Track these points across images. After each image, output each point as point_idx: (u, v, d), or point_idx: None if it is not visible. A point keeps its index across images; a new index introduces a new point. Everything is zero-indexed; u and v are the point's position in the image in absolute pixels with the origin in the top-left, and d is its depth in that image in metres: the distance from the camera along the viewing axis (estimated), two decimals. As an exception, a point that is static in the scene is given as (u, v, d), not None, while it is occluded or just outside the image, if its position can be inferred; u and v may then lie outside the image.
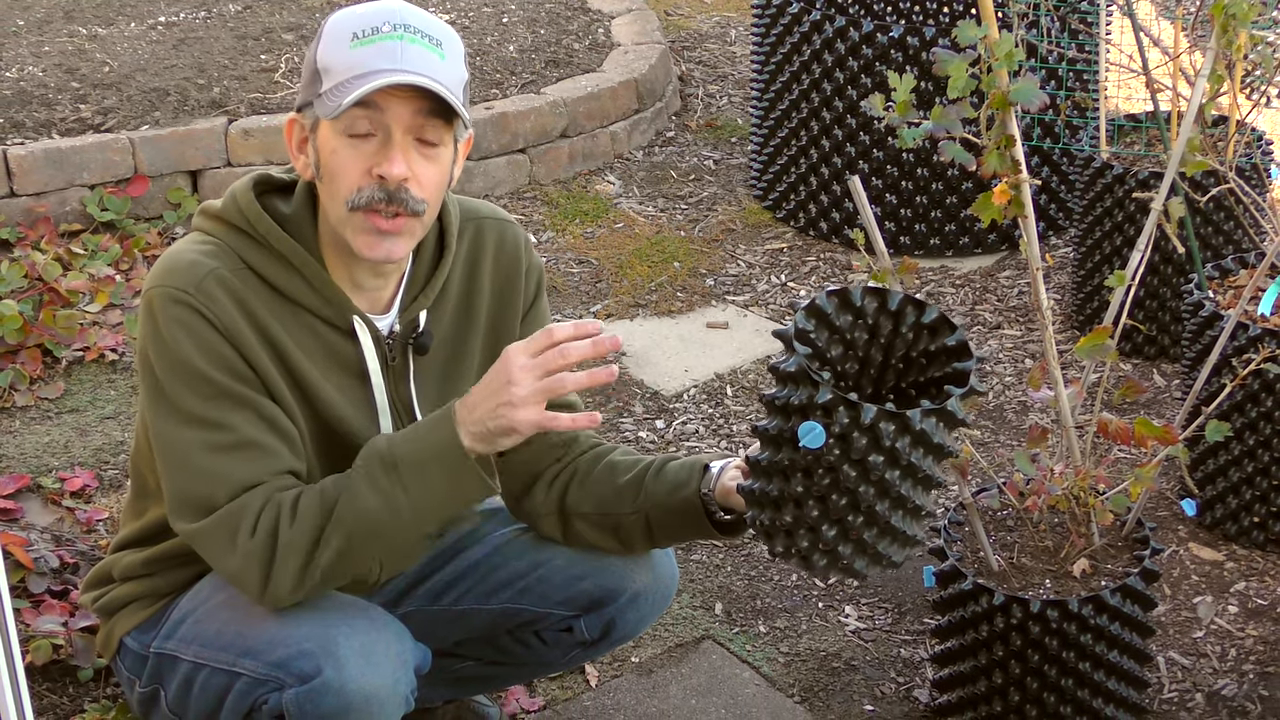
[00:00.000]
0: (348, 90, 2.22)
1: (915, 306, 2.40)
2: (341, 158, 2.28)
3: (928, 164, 4.93)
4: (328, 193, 2.32)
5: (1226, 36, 2.82)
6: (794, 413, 2.24)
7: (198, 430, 2.28)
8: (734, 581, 3.48)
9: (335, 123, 2.27)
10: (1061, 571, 2.84)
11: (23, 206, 4.91)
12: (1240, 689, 3.12)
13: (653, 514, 2.55)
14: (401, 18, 2.28)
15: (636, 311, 4.69)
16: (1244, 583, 3.44)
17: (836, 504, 2.26)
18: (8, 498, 3.61)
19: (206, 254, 2.34)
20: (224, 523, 2.27)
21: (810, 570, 2.34)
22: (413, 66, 2.24)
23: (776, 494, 2.30)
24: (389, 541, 2.31)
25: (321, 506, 2.27)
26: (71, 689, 3.04)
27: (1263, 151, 4.20)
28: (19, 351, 4.23)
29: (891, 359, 2.43)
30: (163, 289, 2.30)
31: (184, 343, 2.28)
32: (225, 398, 2.28)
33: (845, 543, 2.30)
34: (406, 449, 2.27)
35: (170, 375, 2.29)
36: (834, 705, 3.11)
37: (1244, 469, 3.50)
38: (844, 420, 2.19)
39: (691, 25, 7.15)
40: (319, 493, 2.28)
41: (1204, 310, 3.49)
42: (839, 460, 2.22)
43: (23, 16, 6.28)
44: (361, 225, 2.29)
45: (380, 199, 2.27)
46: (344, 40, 2.27)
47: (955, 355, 2.38)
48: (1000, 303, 4.73)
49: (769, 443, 2.30)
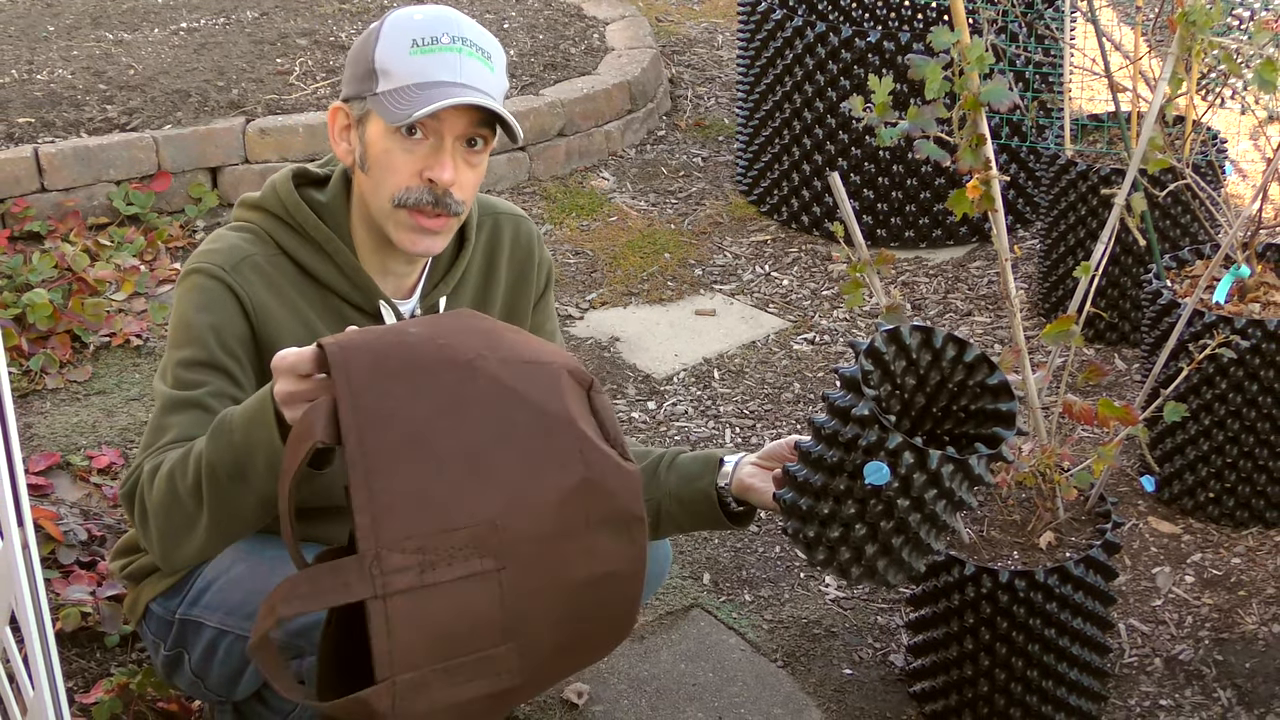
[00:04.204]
0: (409, 97, 2.23)
1: (956, 344, 2.41)
2: (394, 158, 2.28)
3: (903, 161, 4.92)
4: (372, 184, 2.32)
5: (1186, 41, 2.81)
6: (856, 450, 2.25)
7: (170, 386, 2.29)
8: (721, 553, 3.47)
9: (384, 121, 2.27)
10: (1029, 544, 2.83)
11: (53, 201, 4.90)
12: (1196, 654, 3.12)
13: (664, 502, 2.55)
14: (459, 29, 2.28)
15: (629, 300, 4.68)
16: (1200, 554, 3.44)
17: (884, 528, 2.29)
18: (39, 474, 3.60)
19: (245, 240, 2.37)
20: (129, 483, 2.24)
21: (845, 578, 2.37)
22: (470, 80, 2.25)
23: (826, 514, 2.31)
24: (222, 484, 2.16)
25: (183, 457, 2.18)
26: (99, 654, 3.03)
27: (1217, 150, 4.19)
28: (49, 337, 4.22)
29: (925, 386, 2.44)
30: (202, 265, 2.33)
31: (200, 310, 2.30)
32: (207, 365, 2.28)
33: (884, 559, 2.32)
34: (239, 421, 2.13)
35: (176, 333, 2.32)
36: (814, 669, 3.10)
37: (1200, 447, 3.50)
38: (909, 462, 2.21)
39: (681, 31, 7.13)
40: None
41: (1162, 298, 3.48)
42: (896, 495, 2.24)
43: (53, 23, 6.26)
44: (405, 222, 2.31)
45: (428, 201, 2.29)
46: (403, 45, 2.26)
47: (994, 394, 2.38)
48: (971, 291, 4.72)
49: (823, 469, 2.31)
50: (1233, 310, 3.44)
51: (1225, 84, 3.96)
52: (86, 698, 2.85)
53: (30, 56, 5.78)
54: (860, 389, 2.26)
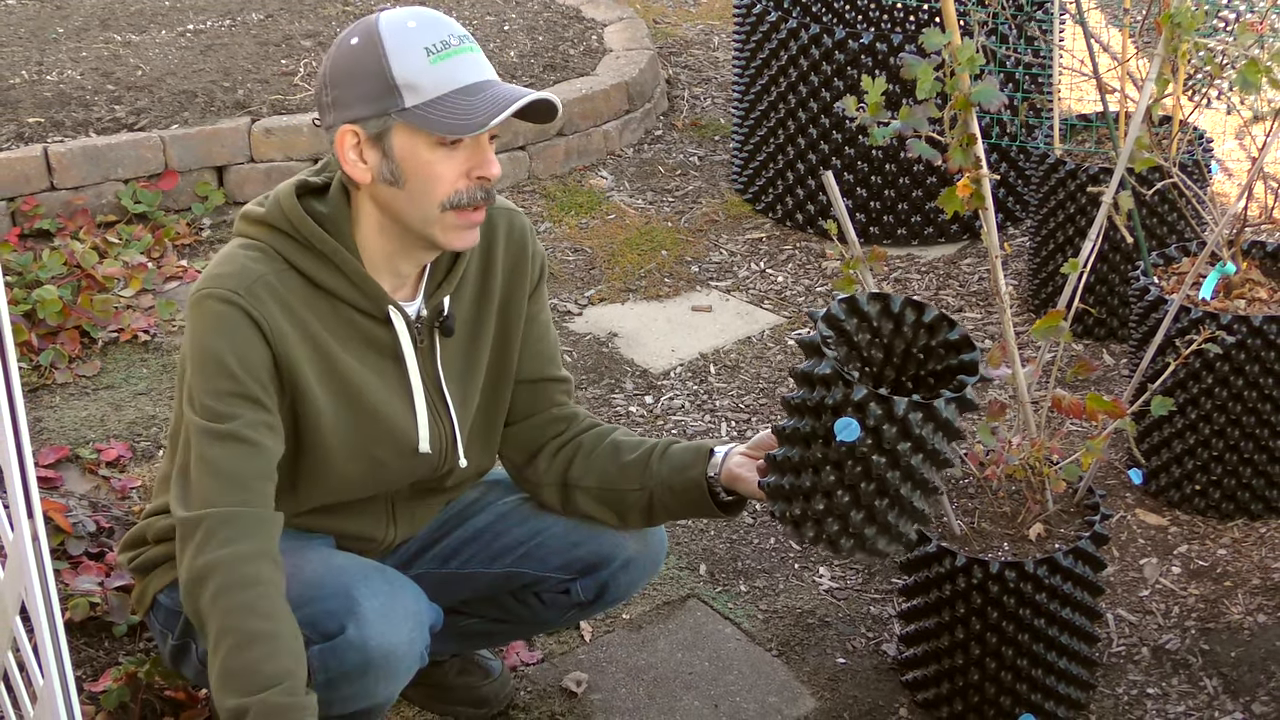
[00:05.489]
0: (456, 104, 2.23)
1: (914, 307, 2.41)
2: (437, 167, 2.27)
3: (896, 160, 4.91)
4: (409, 196, 2.29)
5: (1172, 43, 2.81)
6: (825, 411, 2.25)
7: (206, 419, 2.26)
8: (717, 545, 3.47)
9: (432, 135, 2.25)
10: (1018, 535, 2.83)
11: (62, 199, 4.89)
12: (1183, 643, 3.12)
13: (657, 491, 2.55)
14: (453, 27, 2.28)
15: (627, 296, 4.68)
16: (1186, 545, 3.44)
17: (865, 490, 2.28)
18: (49, 467, 3.60)
19: (254, 259, 2.32)
20: (187, 527, 2.24)
21: (836, 552, 2.35)
22: (491, 75, 2.27)
23: (809, 486, 2.30)
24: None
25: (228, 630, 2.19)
26: (107, 643, 3.03)
27: (1204, 149, 4.19)
28: (59, 333, 4.22)
29: (892, 357, 2.45)
30: (213, 290, 2.28)
31: (220, 339, 2.26)
32: (237, 397, 2.26)
33: (871, 525, 2.32)
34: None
35: (198, 365, 2.28)
36: (809, 658, 3.10)
37: (1186, 441, 3.50)
38: (877, 413, 2.21)
39: (678, 32, 7.12)
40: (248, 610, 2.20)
41: (1149, 295, 3.48)
42: (870, 450, 2.24)
43: (62, 25, 6.25)
44: (455, 223, 2.31)
45: (481, 198, 2.30)
46: (418, 55, 2.23)
47: (957, 349, 2.39)
48: (962, 288, 4.72)
49: (798, 441, 2.31)
50: (1218, 306, 3.44)
51: (1211, 85, 3.96)
52: (95, 686, 2.85)
53: (40, 58, 5.77)
54: (821, 350, 2.27)
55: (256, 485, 2.26)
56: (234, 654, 2.15)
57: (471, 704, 2.93)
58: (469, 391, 2.53)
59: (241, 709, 2.12)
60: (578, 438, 2.63)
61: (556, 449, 2.63)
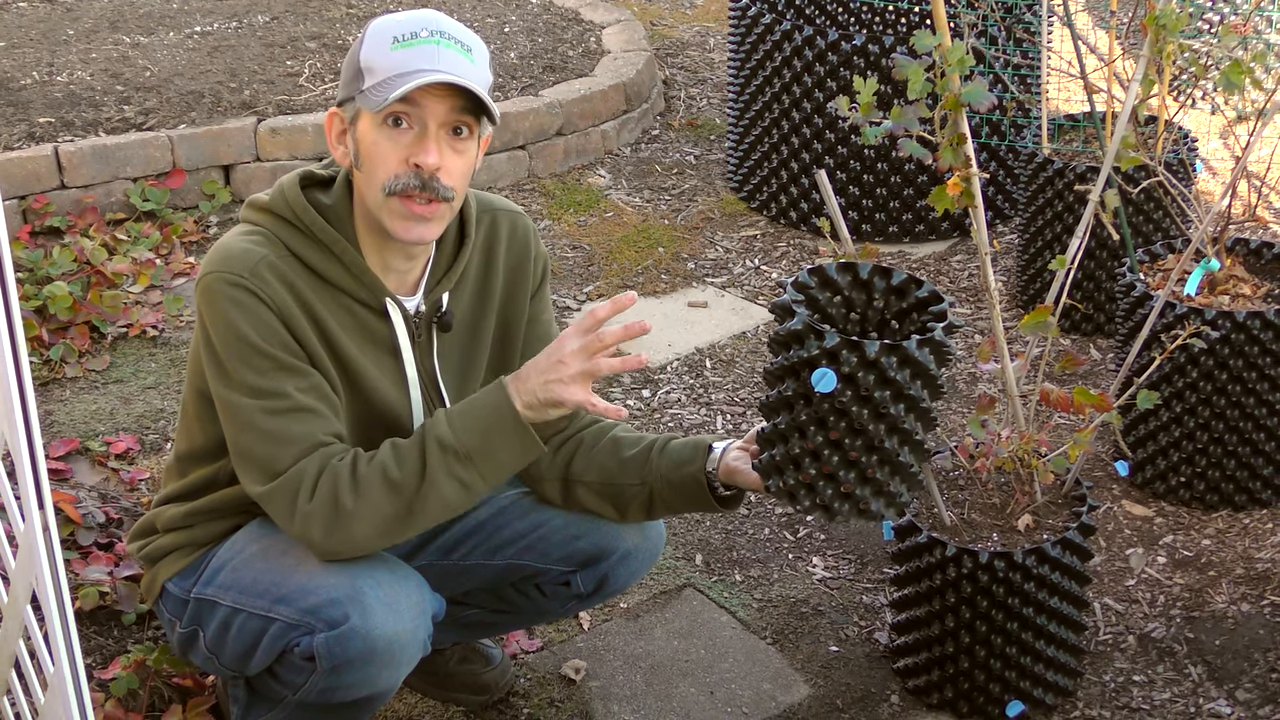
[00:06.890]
0: (391, 87, 2.23)
1: (882, 274, 2.44)
2: (381, 148, 2.28)
3: (887, 159, 4.91)
4: (365, 179, 2.32)
5: (1157, 45, 2.81)
6: (802, 367, 2.27)
7: (257, 399, 2.27)
8: (713, 535, 3.47)
9: (376, 115, 2.27)
10: (1007, 526, 2.83)
11: (72, 198, 4.89)
12: (1168, 631, 3.12)
13: (657, 486, 2.54)
14: (438, 25, 2.29)
15: (625, 292, 4.67)
16: (1172, 536, 3.44)
17: (852, 445, 2.29)
18: (59, 459, 3.60)
19: (256, 243, 2.33)
20: (285, 487, 2.26)
21: (832, 518, 2.34)
22: (448, 68, 2.24)
23: (798, 452, 2.31)
24: (457, 512, 2.34)
25: (389, 488, 2.26)
26: (116, 632, 3.03)
27: (1189, 148, 4.19)
28: (69, 328, 4.21)
29: (867, 325, 2.46)
30: (220, 274, 2.29)
31: (241, 322, 2.27)
32: (279, 369, 2.28)
33: (863, 485, 2.32)
34: (473, 440, 2.28)
35: (229, 351, 2.28)
36: (802, 646, 3.10)
37: (1171, 434, 3.50)
38: (851, 360, 2.23)
39: (674, 34, 7.12)
40: (381, 470, 2.27)
41: (1135, 291, 3.48)
42: (850, 401, 2.25)
43: (72, 27, 6.24)
44: (397, 210, 2.30)
45: (415, 185, 2.28)
46: (385, 43, 2.27)
47: (927, 306, 2.41)
48: (952, 284, 4.72)
49: (782, 407, 2.32)
50: (1203, 302, 3.44)
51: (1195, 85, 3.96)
52: (105, 673, 2.85)
53: (50, 59, 5.76)
54: (792, 309, 2.29)
55: (327, 440, 2.30)
56: (420, 472, 2.27)
57: (472, 691, 2.93)
58: (466, 388, 2.53)
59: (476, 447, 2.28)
60: (579, 434, 2.63)
61: (559, 444, 2.62)
